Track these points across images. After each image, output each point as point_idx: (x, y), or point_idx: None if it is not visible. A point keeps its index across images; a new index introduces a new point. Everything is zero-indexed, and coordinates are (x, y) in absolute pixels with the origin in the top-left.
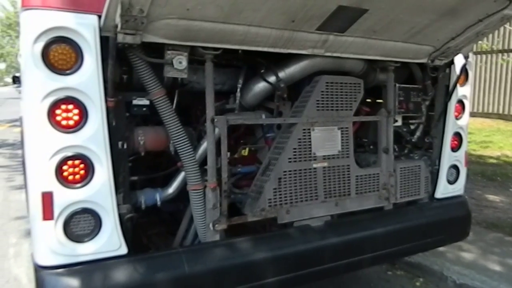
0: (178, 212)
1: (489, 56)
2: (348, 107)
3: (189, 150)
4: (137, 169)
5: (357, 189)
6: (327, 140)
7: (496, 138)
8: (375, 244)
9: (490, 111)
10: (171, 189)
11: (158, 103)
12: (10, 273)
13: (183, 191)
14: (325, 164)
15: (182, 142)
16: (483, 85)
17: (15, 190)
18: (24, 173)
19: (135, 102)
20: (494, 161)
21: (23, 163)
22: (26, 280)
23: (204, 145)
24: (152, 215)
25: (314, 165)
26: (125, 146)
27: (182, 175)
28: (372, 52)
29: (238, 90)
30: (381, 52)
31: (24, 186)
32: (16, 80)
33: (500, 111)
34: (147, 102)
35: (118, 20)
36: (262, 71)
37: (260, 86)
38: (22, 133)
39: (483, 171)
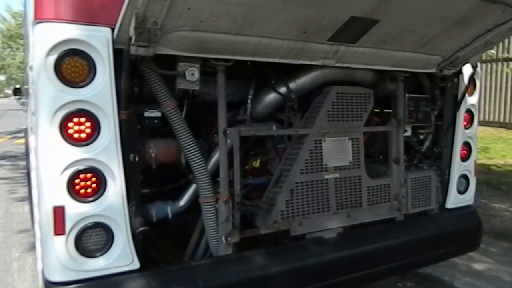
0: (186, 225)
1: (489, 64)
2: (358, 118)
3: (201, 162)
4: (147, 182)
5: (369, 200)
6: (338, 151)
7: (498, 146)
8: (388, 256)
9: (491, 119)
10: (182, 202)
11: (170, 115)
12: None
13: (192, 204)
14: (337, 175)
15: (194, 154)
16: (484, 94)
17: (17, 202)
18: (29, 186)
19: (146, 114)
20: (498, 169)
21: (28, 175)
22: None
23: (215, 157)
24: (160, 228)
25: (326, 176)
26: (136, 159)
27: (193, 187)
28: (382, 62)
29: (249, 101)
30: (391, 62)
31: (29, 199)
32: (17, 92)
33: (501, 120)
34: (158, 114)
35: (132, 32)
36: (273, 82)
37: (271, 97)
38: (26, 145)
39: (488, 180)
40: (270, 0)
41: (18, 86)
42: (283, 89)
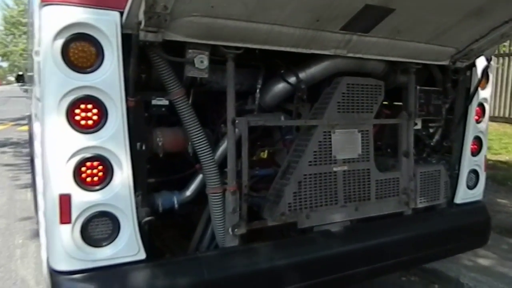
0: (191, 215)
1: (494, 59)
2: (369, 110)
3: (209, 152)
4: (153, 171)
5: (377, 194)
6: (348, 143)
7: (503, 142)
8: (395, 250)
9: (496, 114)
10: (188, 192)
11: (178, 103)
12: (17, 275)
13: (198, 194)
14: (345, 168)
15: (202, 144)
16: None
17: (20, 189)
18: (33, 173)
19: (154, 102)
20: (503, 165)
21: (31, 162)
22: (33, 282)
23: (222, 147)
24: (165, 218)
25: (334, 169)
26: (143, 147)
27: (199, 177)
28: (395, 53)
29: (258, 91)
30: (403, 53)
31: (32, 186)
32: (20, 79)
33: (506, 115)
34: (166, 102)
35: (141, 16)
36: (282, 71)
37: (280, 87)
38: (30, 132)
39: (493, 176)
40: None
41: (21, 73)
42: (292, 79)
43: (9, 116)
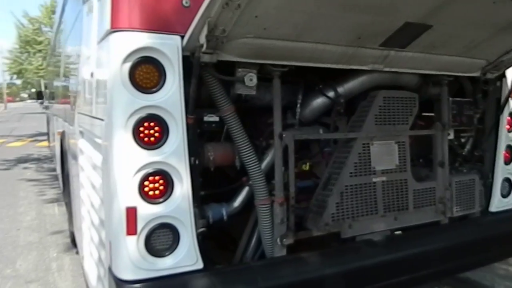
0: (226, 227)
1: None
2: (404, 121)
3: (258, 166)
4: (203, 184)
5: (415, 203)
6: (385, 155)
7: None
8: (434, 259)
9: None
10: (236, 204)
11: (229, 119)
12: (56, 287)
13: (245, 206)
14: (384, 179)
15: (251, 158)
16: None
17: (47, 204)
18: (67, 188)
19: (206, 118)
20: None
21: (64, 177)
22: None
23: (266, 160)
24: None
25: (374, 180)
26: (197, 162)
27: (246, 189)
28: (429, 66)
29: (298, 105)
30: (437, 66)
31: (67, 201)
32: (40, 96)
33: None
34: (216, 119)
35: (203, 40)
36: (321, 86)
37: (319, 102)
38: (64, 147)
39: None
40: (331, 7)
41: (39, 90)
42: (331, 94)
43: (26, 133)
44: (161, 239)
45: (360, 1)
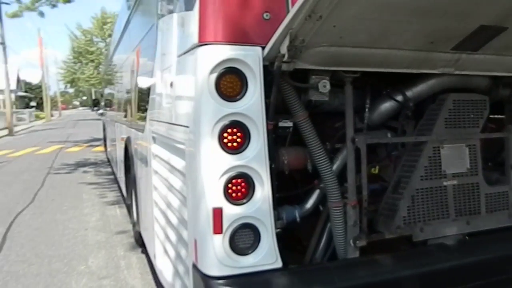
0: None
1: None
2: (475, 124)
3: (331, 169)
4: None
5: (487, 208)
6: (456, 158)
7: None
8: (510, 265)
9: None
10: (308, 205)
11: (302, 124)
12: (128, 284)
13: (316, 208)
14: (455, 182)
15: (324, 162)
16: None
17: (109, 205)
18: (134, 191)
19: (281, 124)
20: None
21: (131, 180)
22: None
23: (337, 164)
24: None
25: (445, 183)
26: (273, 166)
27: (317, 192)
28: (501, 68)
29: (367, 110)
30: (509, 68)
31: (134, 202)
32: (96, 104)
33: None
34: (290, 124)
35: (284, 50)
36: (388, 90)
37: (387, 106)
38: (130, 152)
39: None
40: (407, 14)
41: (95, 98)
42: (399, 97)
43: (82, 138)
44: (244, 238)
45: (437, 7)
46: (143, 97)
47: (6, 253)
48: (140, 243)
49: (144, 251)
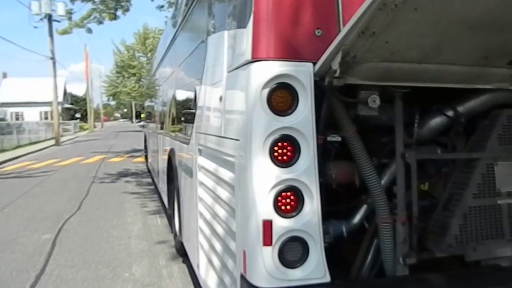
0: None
1: None
2: None
3: (379, 184)
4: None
5: None
6: (511, 176)
7: None
8: None
9: None
10: (355, 221)
11: (351, 139)
12: None
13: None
14: (510, 201)
15: (373, 177)
16: None
17: (150, 215)
18: (172, 201)
19: (329, 138)
20: None
21: (174, 192)
22: None
23: (385, 179)
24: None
25: (499, 202)
26: (321, 180)
27: (364, 207)
28: None
29: (416, 125)
30: None
31: (175, 213)
32: (138, 116)
33: None
34: (339, 139)
35: (336, 66)
36: (439, 105)
37: (437, 121)
38: (173, 164)
39: None
40: (461, 30)
41: (138, 111)
42: (450, 113)
43: (123, 149)
44: (293, 251)
45: (494, 21)
46: (189, 111)
47: (56, 258)
48: (181, 253)
49: (185, 261)
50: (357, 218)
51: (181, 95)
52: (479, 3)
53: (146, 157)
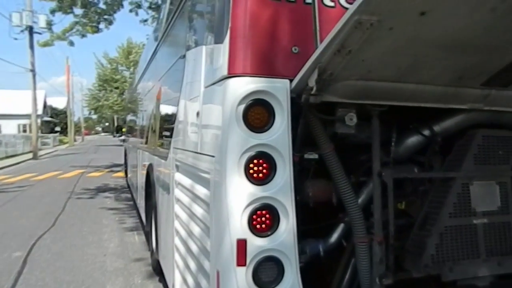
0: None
1: None
2: (505, 161)
3: (356, 203)
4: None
5: None
6: (486, 195)
7: None
8: None
9: None
10: (332, 240)
11: (328, 157)
12: None
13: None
14: (485, 220)
15: (349, 196)
16: None
17: (128, 232)
18: (150, 218)
19: (306, 156)
20: None
21: (152, 209)
22: None
23: (362, 198)
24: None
25: (474, 221)
26: (298, 198)
27: (341, 226)
28: None
29: (393, 143)
30: None
31: (149, 230)
32: (118, 130)
33: None
34: (316, 156)
35: (313, 83)
36: (415, 125)
37: (414, 140)
38: (152, 179)
39: None
40: (438, 50)
41: (118, 125)
42: (427, 132)
43: (103, 164)
44: (267, 271)
45: (468, 42)
46: (167, 125)
47: (26, 277)
48: (158, 271)
49: (162, 279)
50: (334, 237)
51: (161, 109)
52: (453, 25)
53: (126, 172)
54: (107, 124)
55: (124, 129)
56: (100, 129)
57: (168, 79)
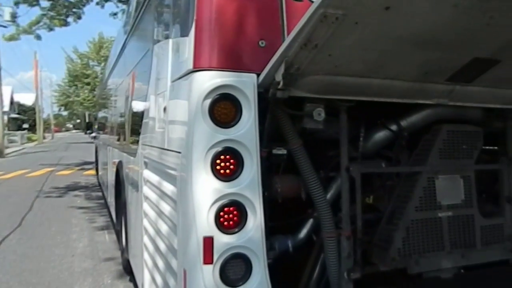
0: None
1: None
2: (469, 156)
3: (324, 199)
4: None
5: (482, 241)
6: (451, 189)
7: None
8: None
9: None
10: (301, 235)
11: (296, 152)
12: None
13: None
14: (450, 214)
15: (318, 191)
16: None
17: (98, 231)
18: (120, 216)
19: (274, 151)
20: None
21: (122, 206)
22: None
23: (330, 193)
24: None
25: (439, 214)
26: (266, 194)
27: (310, 221)
28: (494, 100)
29: (361, 139)
30: (502, 100)
31: (119, 229)
32: (89, 127)
33: None
34: (284, 152)
35: (279, 78)
36: (383, 120)
37: (381, 135)
38: (121, 177)
39: None
40: (403, 46)
41: (88, 121)
42: (394, 127)
43: (73, 161)
44: (235, 269)
45: (432, 38)
46: (136, 121)
47: None
48: (128, 270)
49: (132, 279)
50: (303, 233)
51: (130, 105)
52: (417, 21)
53: (97, 170)
54: (78, 121)
55: (95, 126)
56: (71, 126)
57: (136, 74)
